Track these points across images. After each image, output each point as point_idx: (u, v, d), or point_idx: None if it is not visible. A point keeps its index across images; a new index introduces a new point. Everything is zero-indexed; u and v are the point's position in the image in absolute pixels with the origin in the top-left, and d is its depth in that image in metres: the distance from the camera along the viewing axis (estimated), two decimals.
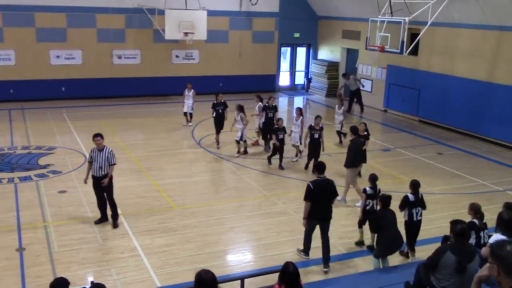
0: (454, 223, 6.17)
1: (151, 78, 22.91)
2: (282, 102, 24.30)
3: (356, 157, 11.61)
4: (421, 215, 8.59)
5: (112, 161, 9.81)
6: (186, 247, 9.14)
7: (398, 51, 17.53)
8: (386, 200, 8.28)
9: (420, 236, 8.62)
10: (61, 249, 8.92)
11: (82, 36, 21.62)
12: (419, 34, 17.86)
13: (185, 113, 18.21)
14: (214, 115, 15.54)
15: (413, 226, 8.58)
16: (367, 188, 9.22)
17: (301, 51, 26.95)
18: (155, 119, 19.25)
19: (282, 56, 26.53)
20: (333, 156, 15.21)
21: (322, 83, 25.45)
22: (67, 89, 21.79)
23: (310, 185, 8.39)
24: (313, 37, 26.37)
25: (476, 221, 7.83)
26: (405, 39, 17.33)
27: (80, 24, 21.48)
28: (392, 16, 18.12)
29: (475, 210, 7.93)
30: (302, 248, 8.78)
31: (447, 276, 5.77)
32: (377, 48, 18.35)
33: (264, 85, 24.89)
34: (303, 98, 25.17)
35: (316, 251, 8.71)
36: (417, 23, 17.67)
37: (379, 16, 18.41)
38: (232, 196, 11.96)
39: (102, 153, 9.74)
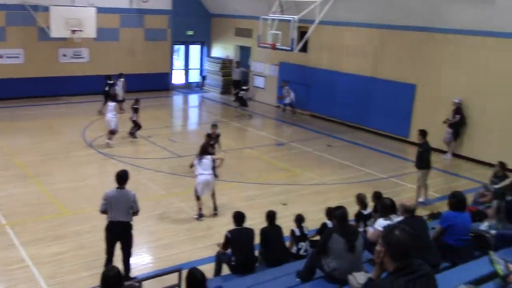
0: (335, 209, 6.57)
1: (37, 78, 21.62)
2: (176, 100, 24.13)
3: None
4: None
5: None
6: (80, 254, 8.77)
7: (289, 48, 18.09)
8: (271, 216, 7.80)
9: (315, 226, 8.91)
10: None
11: None
12: (308, 32, 18.54)
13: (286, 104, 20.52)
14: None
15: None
16: (295, 230, 7.94)
17: (195, 49, 26.87)
18: (43, 122, 18.22)
19: (175, 54, 26.28)
20: (229, 152, 15.39)
21: (216, 81, 25.57)
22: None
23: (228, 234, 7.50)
24: (206, 35, 26.40)
25: (362, 211, 8.35)
26: (295, 37, 17.92)
27: None
28: (282, 14, 18.65)
29: (361, 200, 8.47)
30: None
31: (336, 258, 6.11)
32: (268, 45, 18.79)
33: (157, 84, 24.54)
34: (198, 96, 25.15)
35: None
36: (306, 21, 18.33)
37: (269, 15, 18.86)
38: None
39: None
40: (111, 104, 15.53)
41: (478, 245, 7.23)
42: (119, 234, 7.76)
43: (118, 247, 7.87)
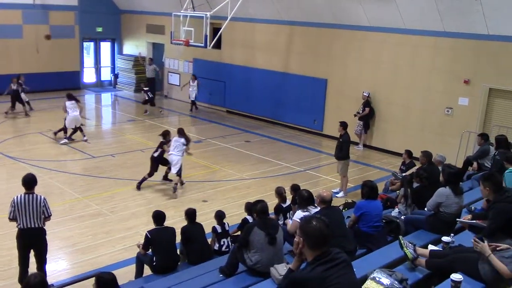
0: (254, 204, 6.72)
1: None
2: (88, 99, 23.27)
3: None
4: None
5: None
6: None
7: (202, 45, 18.04)
8: (191, 214, 7.81)
9: (236, 221, 8.94)
10: None
11: None
12: (221, 28, 18.59)
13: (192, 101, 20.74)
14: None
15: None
16: (216, 227, 8.00)
17: (106, 46, 26.06)
18: None
19: (85, 51, 25.33)
20: (146, 151, 15.13)
21: (129, 78, 24.98)
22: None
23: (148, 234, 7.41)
24: (116, 32, 25.67)
25: (281, 204, 8.55)
26: (208, 34, 17.90)
27: None
28: (194, 11, 18.56)
29: (279, 193, 8.67)
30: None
31: (258, 251, 6.24)
32: (182, 42, 18.63)
33: (67, 83, 23.51)
34: (111, 94, 24.44)
35: None
36: (218, 18, 18.37)
37: (181, 11, 18.69)
38: None
39: None
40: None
41: (390, 231, 7.66)
42: (31, 241, 7.39)
43: (31, 254, 7.50)
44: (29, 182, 7.51)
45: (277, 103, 19.03)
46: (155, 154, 12.09)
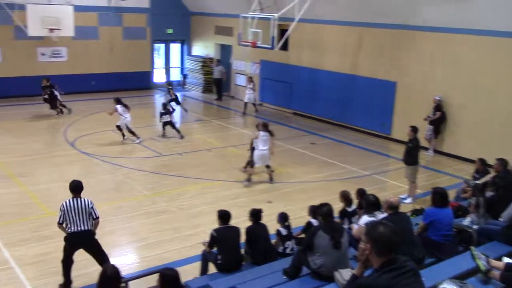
0: (320, 207, 6.63)
1: (15, 78, 21.30)
2: (158, 99, 23.93)
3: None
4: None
5: None
6: None
7: (269, 46, 18.12)
8: (256, 214, 7.82)
9: (300, 223, 8.95)
10: None
11: None
12: (288, 30, 18.59)
13: (245, 103, 20.55)
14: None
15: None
16: (281, 229, 7.98)
17: (175, 47, 26.76)
18: (23, 122, 17.98)
19: (156, 52, 26.13)
20: (213, 151, 15.40)
21: (198, 79, 25.50)
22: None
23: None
24: (186, 33, 26.29)
25: (347, 208, 8.42)
26: (275, 35, 17.95)
27: None
28: (262, 12, 18.68)
29: (345, 197, 8.54)
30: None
31: (322, 255, 6.17)
32: (249, 43, 18.80)
33: (139, 82, 24.37)
34: (180, 94, 25.01)
35: None
36: (286, 19, 18.37)
37: (249, 13, 18.86)
38: (110, 197, 11.57)
39: None
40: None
41: (461, 240, 7.37)
42: (80, 243, 7.59)
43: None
44: (76, 187, 7.77)
45: (343, 106, 18.79)
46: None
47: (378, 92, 17.50)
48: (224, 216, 7.62)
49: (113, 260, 8.41)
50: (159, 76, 26.27)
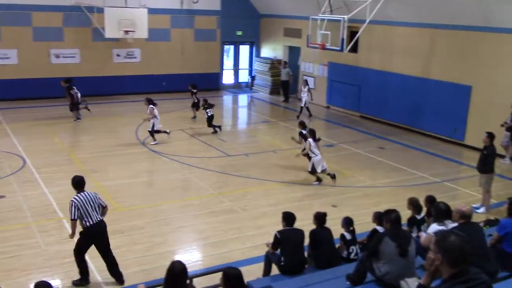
0: (388, 213, 6.45)
1: (92, 77, 22.31)
2: (226, 100, 24.34)
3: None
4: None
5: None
6: (133, 249, 9.00)
7: (339, 48, 17.92)
8: (321, 218, 7.73)
9: (365, 229, 8.80)
10: (1, 256, 8.57)
11: (17, 34, 20.79)
12: (358, 31, 18.32)
13: (301, 107, 20.37)
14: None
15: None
16: (345, 234, 7.88)
17: (244, 49, 27.05)
18: (97, 120, 18.79)
19: (225, 54, 26.53)
20: (279, 152, 15.41)
21: (265, 81, 25.64)
22: (1, 90, 20.89)
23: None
24: (255, 35, 26.51)
25: (416, 215, 8.14)
26: (345, 37, 17.74)
27: (14, 22, 20.65)
28: (332, 14, 18.50)
29: (414, 204, 8.26)
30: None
31: (388, 262, 6.00)
32: (318, 45, 18.68)
33: (208, 84, 24.80)
34: (248, 96, 25.28)
35: None
36: (356, 21, 18.12)
37: (319, 15, 18.74)
38: (178, 195, 11.87)
39: None
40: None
41: None
42: (98, 235, 7.74)
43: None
44: (80, 182, 7.95)
45: (414, 110, 18.25)
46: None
47: (451, 96, 16.86)
48: (288, 218, 7.60)
49: (178, 257, 8.63)
50: (227, 78, 26.64)
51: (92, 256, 8.38)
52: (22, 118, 18.59)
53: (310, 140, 12.66)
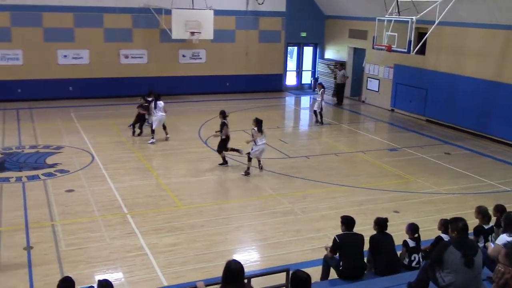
0: (455, 221, 6.20)
1: (158, 77, 22.92)
2: (289, 101, 24.31)
3: None
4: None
5: None
6: (192, 247, 9.16)
7: (405, 50, 17.48)
8: (382, 223, 7.54)
9: (427, 237, 8.51)
10: (68, 248, 8.96)
11: (89, 35, 21.72)
12: (427, 33, 17.79)
13: (314, 111, 19.47)
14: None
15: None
16: (408, 241, 7.65)
17: (308, 51, 26.92)
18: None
19: (288, 55, 26.51)
20: (340, 155, 15.22)
21: (329, 83, 25.37)
22: (74, 89, 21.89)
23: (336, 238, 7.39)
24: (320, 37, 26.32)
25: (483, 225, 7.78)
26: (412, 39, 17.27)
27: (87, 23, 21.57)
28: (399, 15, 18.07)
29: (483, 213, 7.88)
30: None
31: (452, 272, 5.77)
32: (384, 47, 18.30)
33: (271, 85, 24.91)
34: (310, 97, 25.11)
35: None
36: (425, 22, 17.60)
37: (386, 16, 18.36)
38: (238, 195, 11.97)
39: None
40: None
41: None
42: None
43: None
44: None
45: (484, 114, 17.49)
46: None
47: None
48: (348, 222, 7.48)
49: (237, 256, 8.71)
50: (290, 79, 26.60)
51: (152, 253, 8.60)
52: (92, 116, 19.39)
53: (255, 129, 13.11)
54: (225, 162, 13.87)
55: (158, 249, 9.01)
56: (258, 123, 13.15)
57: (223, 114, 13.83)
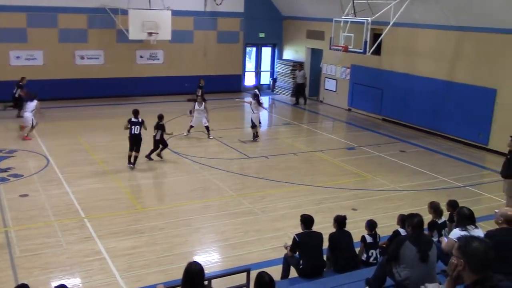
0: (410, 217, 6.36)
1: (115, 78, 22.58)
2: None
3: None
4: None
5: None
6: (153, 249, 9.06)
7: (361, 51, 17.81)
8: (341, 221, 7.70)
9: (385, 233, 8.70)
10: (23, 254, 8.71)
11: (43, 36, 21.16)
12: (382, 34, 18.18)
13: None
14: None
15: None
16: (366, 236, 7.82)
17: (266, 51, 27.05)
18: (120, 120, 18.91)
19: (247, 56, 26.57)
20: (299, 155, 15.37)
21: (287, 83, 25.59)
22: (27, 90, 21.23)
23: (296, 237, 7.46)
24: (278, 37, 26.50)
25: (436, 220, 8.03)
26: (368, 39, 17.61)
27: (40, 24, 21.02)
28: (355, 16, 18.39)
29: (435, 208, 8.15)
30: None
31: (408, 267, 5.92)
32: (340, 48, 18.59)
33: (229, 85, 24.90)
34: (269, 98, 25.23)
35: None
36: (380, 23, 17.98)
37: (342, 17, 18.65)
38: (198, 197, 11.92)
39: None
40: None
41: None
42: None
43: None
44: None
45: (437, 113, 18.01)
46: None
47: (475, 100, 16.60)
48: (307, 221, 7.56)
49: (198, 258, 8.68)
50: (249, 80, 26.67)
51: (111, 256, 8.47)
52: (47, 118, 18.83)
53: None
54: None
55: (117, 252, 8.87)
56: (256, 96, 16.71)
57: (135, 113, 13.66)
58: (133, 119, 13.51)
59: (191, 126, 16.80)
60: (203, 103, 16.88)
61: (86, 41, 22.00)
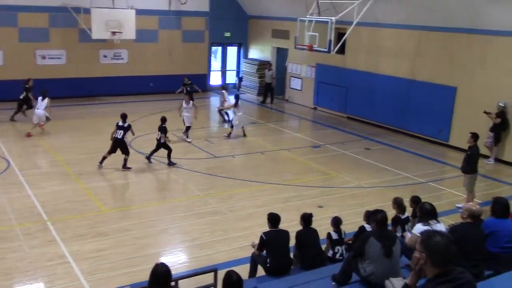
0: (374, 213, 6.48)
1: (78, 78, 22.16)
2: (214, 101, 24.26)
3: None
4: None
5: None
6: (118, 251, 8.94)
7: (326, 50, 17.97)
8: (307, 218, 7.74)
9: (351, 229, 8.81)
10: None
11: (3, 35, 20.59)
12: (346, 33, 18.39)
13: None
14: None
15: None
16: (332, 233, 7.89)
17: (232, 50, 27.03)
18: (83, 121, 18.66)
19: (213, 55, 26.48)
20: (266, 154, 15.42)
21: (253, 82, 25.63)
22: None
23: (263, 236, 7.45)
24: (243, 36, 26.51)
25: (400, 215, 8.19)
26: (332, 39, 17.78)
27: (0, 22, 20.44)
28: (319, 16, 18.56)
29: (398, 204, 8.32)
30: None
31: (372, 263, 6.02)
32: (305, 47, 18.72)
33: (195, 85, 24.71)
34: (234, 97, 25.18)
35: None
36: (344, 23, 18.18)
37: (307, 16, 18.79)
38: (164, 197, 11.82)
39: None
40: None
41: None
42: None
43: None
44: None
45: (400, 111, 18.36)
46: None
47: (436, 98, 17.00)
48: (273, 219, 7.60)
49: (164, 259, 8.60)
50: (215, 79, 26.59)
51: (75, 260, 8.32)
52: (6, 119, 18.37)
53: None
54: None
55: (82, 255, 8.71)
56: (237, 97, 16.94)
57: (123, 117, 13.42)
58: (119, 123, 13.31)
59: (188, 128, 16.39)
60: (191, 101, 16.73)
61: (48, 40, 21.52)
